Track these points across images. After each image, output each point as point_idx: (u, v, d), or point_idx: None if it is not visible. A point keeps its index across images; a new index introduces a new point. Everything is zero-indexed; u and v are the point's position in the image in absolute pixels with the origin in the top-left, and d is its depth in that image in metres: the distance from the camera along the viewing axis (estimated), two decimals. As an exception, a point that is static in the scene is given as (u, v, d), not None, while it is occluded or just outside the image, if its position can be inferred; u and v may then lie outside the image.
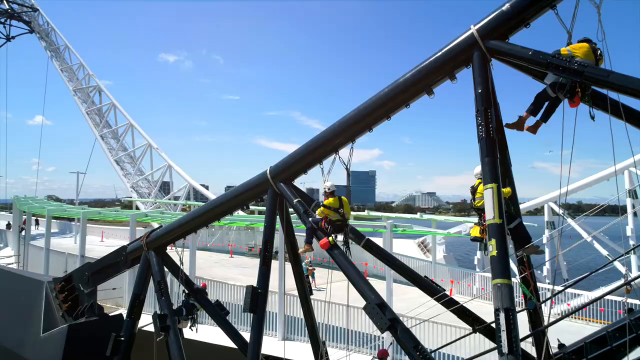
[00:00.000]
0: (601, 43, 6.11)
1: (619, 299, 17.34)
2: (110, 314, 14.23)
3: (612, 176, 24.65)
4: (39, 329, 12.55)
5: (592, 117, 6.32)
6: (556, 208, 26.91)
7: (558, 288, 9.95)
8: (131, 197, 53.56)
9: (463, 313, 7.99)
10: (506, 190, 6.61)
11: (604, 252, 24.21)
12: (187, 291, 10.59)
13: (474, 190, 7.26)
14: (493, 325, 7.73)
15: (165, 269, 10.67)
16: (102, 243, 40.39)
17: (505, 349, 5.05)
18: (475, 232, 7.28)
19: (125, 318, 10.62)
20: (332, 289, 8.24)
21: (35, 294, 13.25)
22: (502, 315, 5.20)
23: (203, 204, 47.92)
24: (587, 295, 20.49)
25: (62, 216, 41.37)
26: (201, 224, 10.38)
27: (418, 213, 39.57)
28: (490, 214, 5.76)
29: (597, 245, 24.36)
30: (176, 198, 53.26)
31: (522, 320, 6.14)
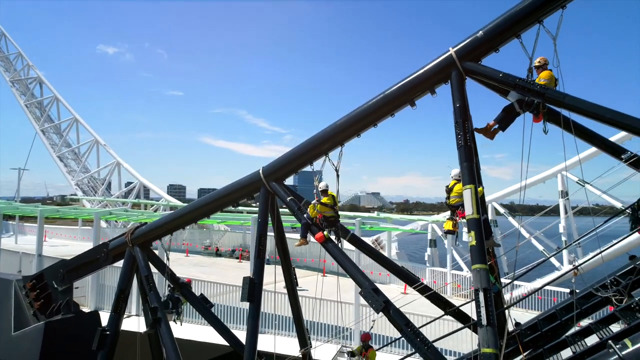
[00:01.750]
0: (556, 69, 7.38)
1: (556, 289, 19.54)
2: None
3: (548, 178, 27.24)
4: (9, 328, 12.37)
5: (545, 131, 7.62)
6: (499, 208, 29.29)
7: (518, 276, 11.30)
8: (76, 195, 51.27)
9: (436, 299, 9.11)
10: (480, 189, 7.71)
11: (540, 247, 26.71)
12: (171, 285, 10.98)
13: (449, 189, 8.34)
14: (461, 308, 8.97)
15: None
16: (45, 243, 38.58)
17: (484, 322, 6.08)
18: (449, 225, 8.35)
19: (110, 312, 10.80)
20: (303, 284, 8.94)
21: (3, 293, 12.99)
22: (481, 294, 6.24)
23: (155, 202, 46.93)
24: (526, 286, 22.67)
25: (15, 214, 39.05)
26: (190, 221, 10.80)
27: (375, 212, 41.12)
28: (469, 210, 6.81)
29: (534, 242, 26.80)
30: (124, 196, 51.67)
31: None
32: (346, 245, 9.28)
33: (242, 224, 30.95)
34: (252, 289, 8.51)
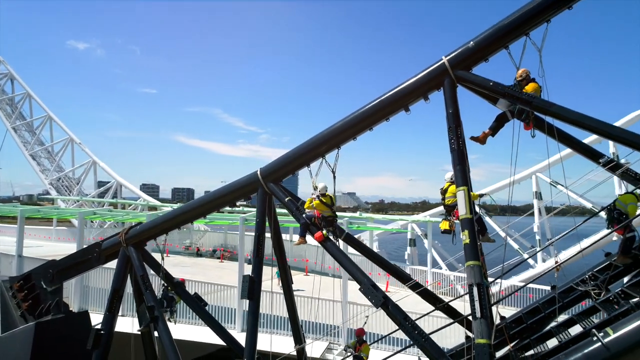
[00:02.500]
0: (541, 78, 7.91)
1: (535, 286, 20.35)
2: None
3: (523, 179, 28.31)
4: (-4, 329, 12.23)
5: (533, 136, 8.18)
6: (476, 208, 30.19)
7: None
8: (49, 195, 50.02)
9: (426, 294, 9.56)
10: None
11: (515, 246, 27.75)
12: (165, 285, 11.10)
13: (444, 191, 8.80)
14: (451, 303, 9.46)
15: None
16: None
17: (478, 314, 6.52)
18: (445, 225, 8.81)
19: (104, 312, 10.85)
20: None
21: (-11, 294, 12.80)
22: (475, 289, 6.67)
23: (133, 202, 46.27)
24: (502, 284, 23.53)
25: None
26: (186, 221, 10.96)
27: (358, 212, 41.71)
28: (462, 211, 7.26)
29: (510, 241, 27.81)
30: (101, 196, 50.71)
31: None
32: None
33: (230, 224, 30.99)
34: (252, 286, 8.76)
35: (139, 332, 11.04)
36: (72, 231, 45.79)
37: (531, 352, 8.22)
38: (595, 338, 5.72)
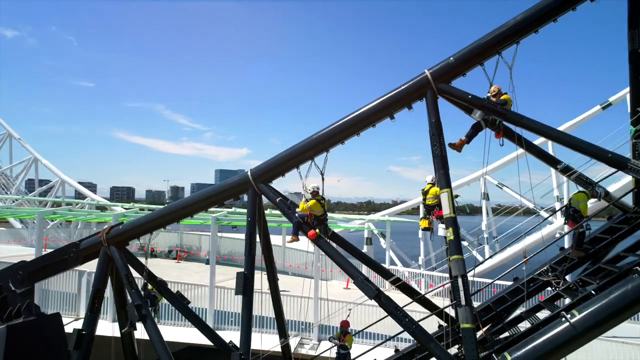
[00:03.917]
0: (512, 93, 8.94)
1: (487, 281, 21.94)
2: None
3: (473, 181, 30.28)
4: (-41, 335, 11.66)
5: (502, 144, 9.23)
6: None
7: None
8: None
9: (404, 288, 10.36)
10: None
11: (465, 243, 29.63)
12: (147, 283, 11.17)
13: (425, 192, 9.63)
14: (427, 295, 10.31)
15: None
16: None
17: (463, 302, 7.36)
18: (424, 224, 9.64)
19: (86, 312, 10.76)
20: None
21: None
22: (459, 280, 7.51)
23: (82, 201, 44.27)
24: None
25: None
26: (172, 220, 11.05)
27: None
28: (446, 210, 8.09)
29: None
30: (42, 195, 48.04)
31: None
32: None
33: (202, 224, 30.67)
34: (246, 283, 9.15)
35: (121, 334, 11.09)
36: (12, 232, 43.15)
37: (506, 334, 9.24)
38: (564, 319, 6.71)
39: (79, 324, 16.70)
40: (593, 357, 14.19)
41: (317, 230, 8.99)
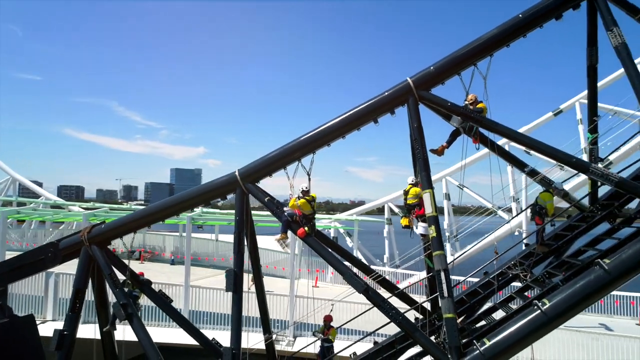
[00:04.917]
0: (487, 101, 9.70)
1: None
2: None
3: (435, 182, 31.55)
4: None
5: (477, 149, 9.97)
6: (394, 208, 33.04)
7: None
8: None
9: (384, 283, 10.94)
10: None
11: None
12: (129, 282, 11.16)
13: (406, 192, 10.24)
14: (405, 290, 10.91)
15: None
16: None
17: (445, 294, 7.98)
18: (405, 222, 10.24)
19: (67, 312, 10.63)
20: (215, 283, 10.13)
21: None
22: (442, 274, 8.12)
23: (36, 200, 42.31)
24: (419, 275, 26.24)
25: None
26: (156, 220, 11.09)
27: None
28: (429, 209, 8.70)
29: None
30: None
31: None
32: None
33: (177, 222, 30.16)
34: (236, 280, 9.41)
35: (101, 334, 11.03)
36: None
37: (482, 322, 10.00)
38: (536, 307, 7.45)
39: (46, 327, 16.36)
40: (550, 345, 15.41)
41: (306, 229, 9.37)
